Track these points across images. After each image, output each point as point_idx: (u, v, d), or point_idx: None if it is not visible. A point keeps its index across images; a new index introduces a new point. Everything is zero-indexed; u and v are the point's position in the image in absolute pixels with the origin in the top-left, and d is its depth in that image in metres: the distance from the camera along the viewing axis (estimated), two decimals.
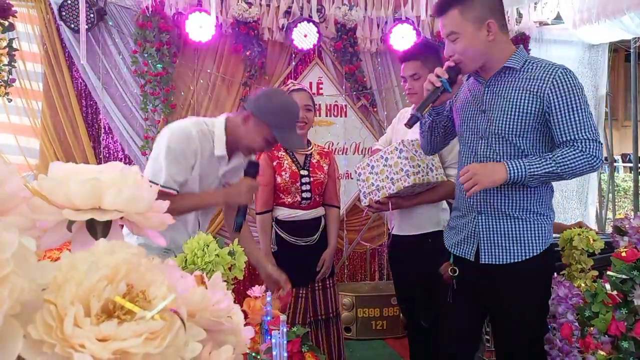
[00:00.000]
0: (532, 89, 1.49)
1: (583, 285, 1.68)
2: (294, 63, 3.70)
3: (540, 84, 1.49)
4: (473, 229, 1.61)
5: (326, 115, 3.78)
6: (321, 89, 3.76)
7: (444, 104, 1.66)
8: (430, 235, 2.22)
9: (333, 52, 3.74)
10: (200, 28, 3.31)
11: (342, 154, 3.80)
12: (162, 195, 1.52)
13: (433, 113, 1.67)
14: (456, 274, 1.64)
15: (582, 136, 1.46)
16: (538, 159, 1.46)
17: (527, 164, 1.44)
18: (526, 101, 1.49)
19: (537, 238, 1.55)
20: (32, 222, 0.47)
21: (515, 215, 1.54)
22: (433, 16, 3.80)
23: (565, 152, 1.45)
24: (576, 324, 1.36)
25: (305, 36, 3.48)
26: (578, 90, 1.48)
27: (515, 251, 1.54)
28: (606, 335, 1.24)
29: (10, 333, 0.35)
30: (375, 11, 3.75)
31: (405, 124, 1.61)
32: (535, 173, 1.44)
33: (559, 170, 1.44)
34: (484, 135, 1.58)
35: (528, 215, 1.55)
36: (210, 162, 1.69)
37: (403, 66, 2.25)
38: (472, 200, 1.61)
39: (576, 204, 4.40)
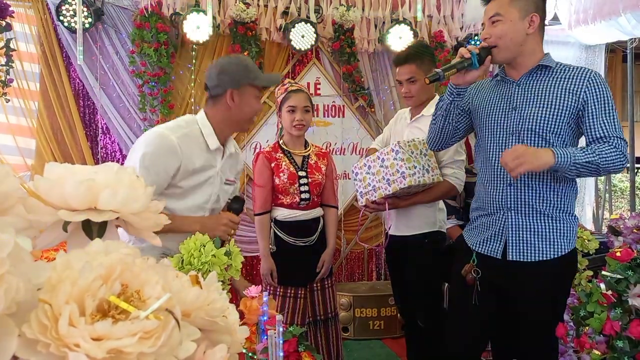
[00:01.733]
0: (568, 87, 1.55)
1: (577, 285, 1.68)
2: (291, 63, 3.70)
3: (577, 83, 1.55)
4: (501, 226, 1.61)
5: (324, 116, 3.79)
6: (319, 89, 3.77)
7: (465, 89, 1.68)
8: (426, 235, 2.23)
9: (331, 53, 3.75)
10: (198, 28, 3.31)
11: (340, 154, 3.81)
12: None
13: (454, 92, 1.67)
14: (479, 275, 1.63)
15: (614, 134, 1.52)
16: (580, 149, 1.50)
17: (572, 152, 1.48)
18: (563, 98, 1.55)
19: (565, 237, 1.57)
20: (28, 223, 0.48)
21: (547, 212, 1.57)
22: (430, 17, 3.82)
23: (601, 147, 1.50)
24: (571, 323, 1.37)
25: (302, 37, 3.49)
26: (609, 93, 1.55)
27: (544, 249, 1.56)
28: (601, 335, 1.25)
29: (5, 332, 0.35)
30: (373, 12, 3.75)
31: (426, 78, 1.60)
32: (578, 161, 1.46)
33: (599, 161, 1.48)
34: (515, 131, 1.60)
35: (558, 214, 1.57)
36: (204, 161, 1.66)
37: (398, 70, 2.25)
38: (502, 197, 1.61)
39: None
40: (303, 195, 2.30)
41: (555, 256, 1.56)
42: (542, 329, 1.55)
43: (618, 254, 1.24)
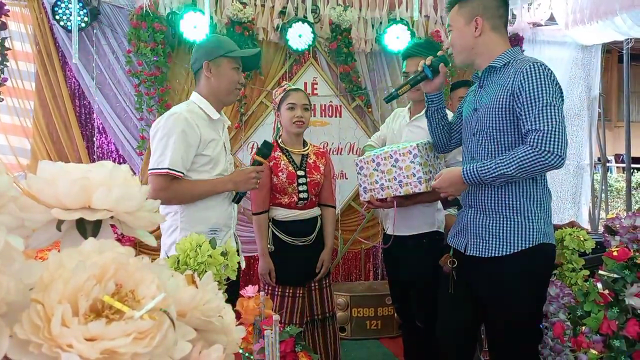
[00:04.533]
0: (506, 85, 1.55)
1: (574, 284, 1.69)
2: (288, 63, 3.70)
3: (512, 80, 1.53)
4: (465, 222, 1.69)
5: (321, 116, 3.78)
6: (316, 89, 3.76)
7: (436, 95, 1.83)
8: (425, 235, 2.22)
9: (328, 53, 3.74)
10: (195, 28, 3.30)
11: (337, 154, 3.81)
12: (172, 178, 1.70)
13: (427, 99, 1.86)
14: (455, 265, 1.70)
15: (535, 127, 1.44)
16: (490, 162, 1.52)
17: (479, 168, 1.53)
18: (502, 97, 1.55)
19: (518, 236, 1.56)
20: (21, 222, 0.47)
21: (499, 211, 1.59)
22: (427, 17, 3.83)
23: (516, 151, 1.47)
24: (568, 323, 1.37)
25: (299, 36, 3.48)
26: (542, 82, 1.46)
27: (496, 246, 1.59)
28: (598, 334, 1.25)
29: None
30: (370, 12, 3.75)
31: (384, 99, 1.82)
32: (487, 176, 1.51)
33: (508, 171, 1.46)
34: (475, 132, 1.66)
35: (511, 213, 1.57)
36: (212, 132, 1.82)
37: (407, 62, 2.24)
38: (465, 195, 1.70)
39: (569, 204, 4.43)
40: (301, 195, 2.29)
41: (507, 253, 1.56)
42: (505, 329, 1.58)
43: (615, 253, 1.24)
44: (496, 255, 1.59)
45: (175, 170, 1.69)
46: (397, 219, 2.26)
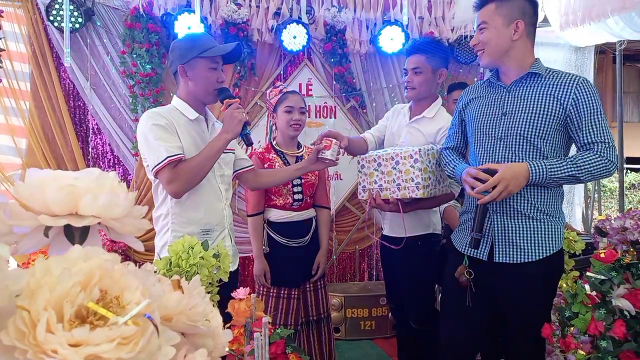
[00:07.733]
0: (555, 94, 1.57)
1: (564, 285, 1.70)
2: (283, 64, 3.71)
3: (564, 91, 1.56)
4: (487, 228, 1.63)
5: (316, 117, 3.79)
6: (310, 90, 3.77)
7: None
8: (420, 237, 2.22)
9: (322, 54, 3.75)
10: (189, 29, 3.30)
11: None
12: (176, 163, 1.69)
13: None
14: (472, 277, 1.65)
15: (600, 139, 1.54)
16: (559, 162, 1.53)
17: (549, 166, 1.52)
18: (549, 105, 1.57)
19: (550, 239, 1.59)
20: (9, 228, 0.48)
21: (530, 215, 1.59)
22: (421, 18, 3.84)
23: (585, 156, 1.53)
24: (557, 324, 1.38)
25: (294, 38, 3.49)
26: (597, 98, 1.57)
27: (530, 250, 1.58)
28: (586, 335, 1.26)
29: None
30: (365, 13, 3.76)
31: (472, 247, 1.62)
32: (556, 175, 1.52)
33: (578, 174, 1.53)
34: (503, 136, 1.62)
35: (541, 216, 1.59)
36: (193, 132, 1.79)
37: (408, 59, 2.21)
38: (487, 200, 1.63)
39: (563, 204, 4.45)
40: (296, 197, 2.30)
41: (540, 257, 1.58)
42: (529, 329, 1.57)
43: (602, 255, 1.26)
44: (530, 260, 1.57)
45: (174, 155, 1.66)
46: (393, 220, 2.26)
